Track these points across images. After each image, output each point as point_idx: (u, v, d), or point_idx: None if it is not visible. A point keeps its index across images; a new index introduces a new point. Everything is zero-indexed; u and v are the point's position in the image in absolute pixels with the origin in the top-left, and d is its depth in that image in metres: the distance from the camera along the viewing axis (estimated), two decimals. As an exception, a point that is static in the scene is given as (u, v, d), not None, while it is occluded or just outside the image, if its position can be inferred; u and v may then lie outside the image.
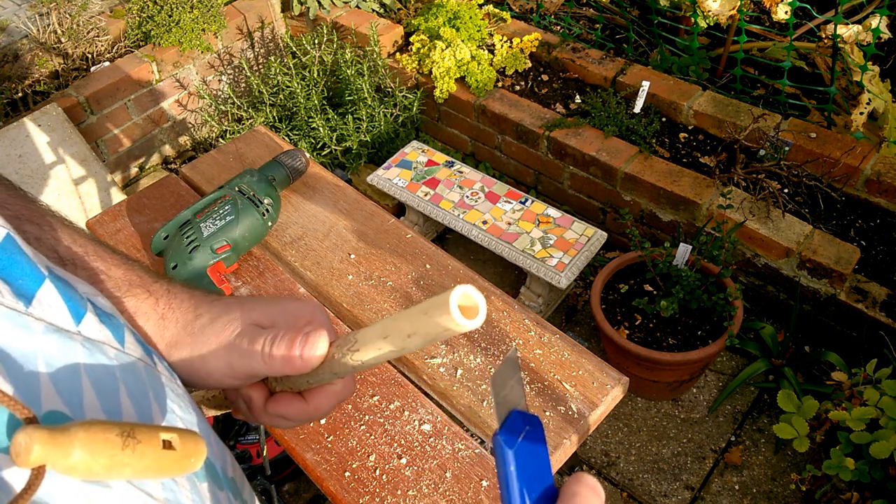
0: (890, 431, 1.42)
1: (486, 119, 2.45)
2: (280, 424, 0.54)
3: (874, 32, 1.88)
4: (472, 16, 2.52)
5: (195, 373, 0.51)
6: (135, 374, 0.40)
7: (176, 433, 0.34)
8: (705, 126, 2.26)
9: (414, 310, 0.39)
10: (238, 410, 0.56)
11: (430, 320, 0.38)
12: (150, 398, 0.40)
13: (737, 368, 2.03)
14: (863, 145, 2.03)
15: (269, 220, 1.04)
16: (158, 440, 0.33)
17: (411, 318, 0.40)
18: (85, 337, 0.38)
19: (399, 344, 0.42)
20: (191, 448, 0.35)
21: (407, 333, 0.40)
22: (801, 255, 1.89)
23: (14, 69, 2.54)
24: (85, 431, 0.30)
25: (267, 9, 2.91)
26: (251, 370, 0.49)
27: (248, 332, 0.50)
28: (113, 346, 0.40)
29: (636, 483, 1.82)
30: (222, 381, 0.51)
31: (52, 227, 0.52)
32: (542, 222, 2.07)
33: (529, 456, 0.35)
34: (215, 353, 0.50)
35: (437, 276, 1.02)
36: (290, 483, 1.86)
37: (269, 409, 0.52)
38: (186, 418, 0.43)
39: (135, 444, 0.32)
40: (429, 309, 0.38)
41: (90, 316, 0.40)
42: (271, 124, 2.54)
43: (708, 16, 2.17)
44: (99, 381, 0.36)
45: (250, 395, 0.53)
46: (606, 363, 0.91)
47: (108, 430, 0.31)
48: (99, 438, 0.30)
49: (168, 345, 0.51)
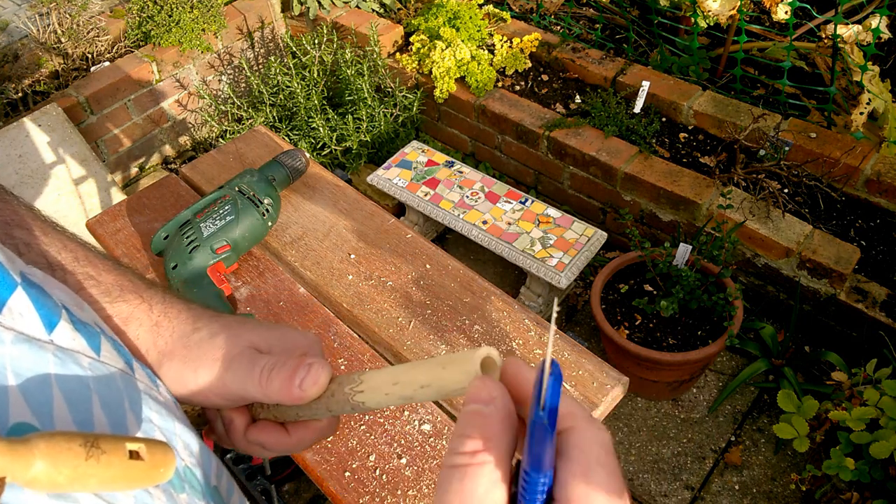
0: (890, 431, 1.42)
1: (486, 119, 2.45)
2: (255, 452, 0.52)
3: (874, 32, 1.88)
4: (472, 16, 2.52)
5: (184, 386, 0.49)
6: (110, 383, 0.39)
7: (143, 443, 0.33)
8: (705, 126, 2.26)
9: (431, 362, 0.39)
10: (212, 431, 0.54)
11: (449, 376, 0.37)
12: (126, 408, 0.39)
13: (737, 368, 2.03)
14: (863, 145, 2.03)
15: (269, 220, 1.04)
16: (124, 450, 0.32)
17: (428, 370, 0.39)
18: (57, 346, 0.37)
19: (408, 393, 0.41)
20: (159, 458, 0.33)
21: (420, 384, 0.39)
22: (801, 255, 1.89)
23: (14, 69, 2.54)
24: (46, 442, 0.29)
25: (267, 9, 2.91)
26: (244, 392, 0.48)
27: (247, 354, 0.49)
28: (87, 356, 0.39)
29: (636, 483, 1.82)
30: (209, 399, 0.49)
31: (43, 232, 0.51)
32: (542, 222, 2.07)
33: None
34: (210, 369, 0.48)
35: (437, 276, 1.02)
36: (290, 483, 1.86)
37: (249, 435, 0.51)
38: (166, 426, 0.42)
39: (99, 455, 0.31)
40: (448, 364, 0.37)
41: (64, 324, 0.39)
42: (271, 124, 2.54)
43: (708, 16, 2.17)
44: (71, 392, 0.35)
45: (232, 419, 0.51)
46: (606, 363, 0.91)
47: (70, 440, 0.30)
48: (61, 449, 0.29)
49: (161, 353, 0.50)
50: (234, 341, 0.49)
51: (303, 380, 0.46)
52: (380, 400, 0.43)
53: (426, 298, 0.99)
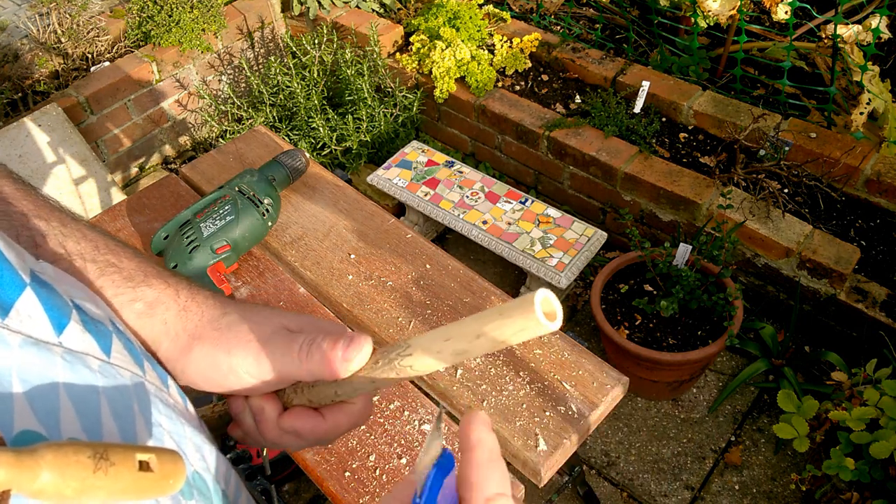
0: (890, 431, 1.42)
1: (486, 119, 2.45)
2: (288, 443, 0.50)
3: (874, 32, 1.88)
4: (472, 16, 2.52)
5: (216, 369, 0.47)
6: (119, 386, 0.38)
7: (153, 453, 0.32)
8: (705, 126, 2.26)
9: (485, 312, 0.38)
10: (240, 425, 0.52)
11: (506, 320, 0.37)
12: (135, 412, 0.38)
13: (737, 368, 2.03)
14: (863, 145, 2.03)
15: (269, 220, 1.04)
16: (134, 461, 0.31)
17: (482, 319, 0.38)
18: (66, 349, 0.36)
19: (462, 346, 0.39)
20: (169, 469, 0.33)
21: (476, 334, 0.38)
22: (801, 255, 1.89)
23: (14, 69, 2.54)
24: (53, 453, 0.28)
25: (267, 9, 2.91)
26: (282, 370, 0.46)
27: (282, 333, 0.47)
28: (97, 357, 0.38)
29: (636, 483, 1.82)
30: (242, 381, 0.48)
31: (62, 223, 0.50)
32: (542, 222, 2.07)
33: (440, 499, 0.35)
34: (244, 348, 0.47)
35: (437, 276, 1.02)
36: (291, 483, 1.86)
37: (282, 422, 0.48)
38: (176, 430, 0.41)
39: (108, 467, 0.30)
40: (505, 310, 0.37)
41: (73, 325, 0.38)
42: (271, 124, 2.54)
43: (708, 16, 2.17)
44: (78, 398, 0.35)
45: (262, 407, 0.49)
46: (606, 363, 0.91)
47: (79, 451, 0.29)
48: (69, 461, 0.29)
49: (191, 336, 0.49)
50: (266, 323, 0.48)
51: (346, 349, 0.44)
52: (429, 361, 0.41)
53: (426, 298, 0.99)
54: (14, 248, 0.39)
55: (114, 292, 0.49)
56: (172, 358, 0.49)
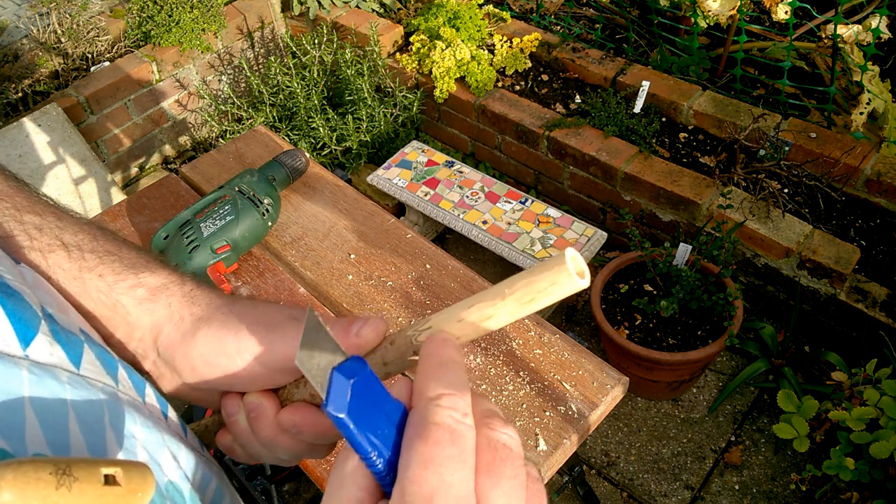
0: (890, 431, 1.42)
1: (486, 119, 2.45)
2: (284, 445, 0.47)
3: (874, 32, 1.88)
4: (472, 16, 2.52)
5: (222, 351, 0.46)
6: (89, 399, 0.37)
7: (120, 466, 0.31)
8: (705, 126, 2.26)
9: (513, 277, 0.37)
10: (231, 429, 0.49)
11: (535, 277, 0.35)
12: (106, 424, 0.37)
13: (737, 368, 2.03)
14: (863, 145, 2.03)
15: (268, 220, 1.04)
16: (99, 475, 0.30)
17: (509, 281, 0.36)
18: (33, 361, 0.35)
19: (487, 310, 0.37)
20: (137, 482, 0.31)
21: (501, 295, 0.36)
22: (801, 255, 1.89)
23: (14, 69, 2.54)
24: (13, 472, 0.27)
25: (267, 9, 2.91)
26: (293, 352, 0.43)
27: (292, 320, 0.46)
28: (66, 370, 0.37)
29: (636, 483, 1.82)
30: (248, 366, 0.46)
31: (57, 217, 0.50)
32: (542, 222, 2.07)
33: (364, 403, 0.33)
34: (254, 332, 0.45)
35: (437, 276, 1.02)
36: (290, 483, 1.86)
37: (282, 417, 0.46)
38: (151, 439, 0.40)
39: (71, 483, 0.28)
40: (534, 269, 0.35)
41: (41, 337, 0.37)
42: (271, 124, 2.54)
43: (708, 16, 2.17)
44: (45, 412, 0.34)
45: (260, 402, 0.46)
46: (606, 363, 0.91)
47: (40, 468, 0.28)
48: (29, 479, 0.27)
49: (197, 318, 0.47)
50: (276, 309, 0.47)
51: (360, 327, 0.43)
52: (451, 331, 0.39)
53: (426, 298, 0.99)
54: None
55: (114, 278, 0.48)
56: (174, 343, 0.48)
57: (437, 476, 0.30)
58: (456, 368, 0.35)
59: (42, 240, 0.47)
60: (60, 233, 0.48)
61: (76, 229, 0.49)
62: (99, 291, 0.48)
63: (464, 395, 0.33)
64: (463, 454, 0.31)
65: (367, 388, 0.34)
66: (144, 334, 0.49)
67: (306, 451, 0.49)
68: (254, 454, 0.49)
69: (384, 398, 0.34)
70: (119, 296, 0.48)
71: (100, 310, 0.48)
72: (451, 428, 0.31)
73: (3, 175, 0.51)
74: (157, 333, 0.48)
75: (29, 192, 0.51)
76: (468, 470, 0.31)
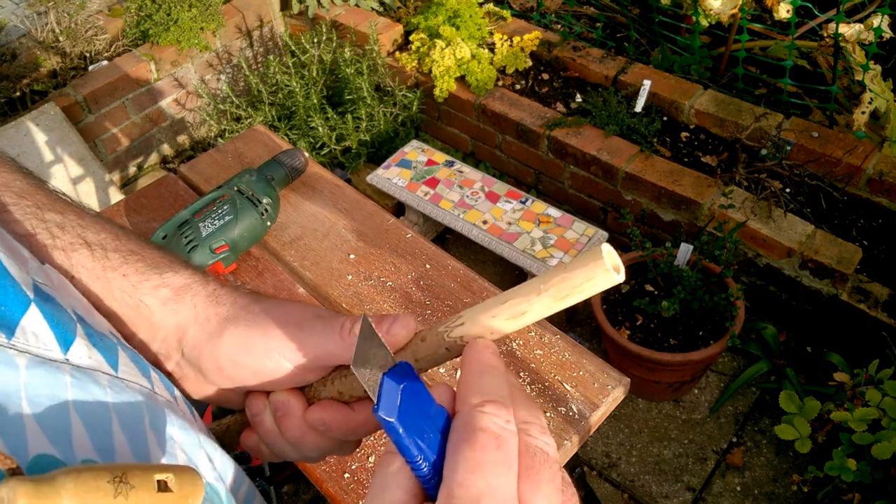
0: (892, 432, 1.41)
1: (486, 118, 2.44)
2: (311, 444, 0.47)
3: (876, 31, 1.87)
4: (473, 14, 2.52)
5: (250, 351, 0.45)
6: (129, 402, 0.37)
7: (171, 472, 0.31)
8: (707, 125, 2.26)
9: (546, 272, 0.36)
10: (257, 429, 0.48)
11: (571, 273, 0.35)
12: (146, 426, 0.37)
13: (738, 369, 2.02)
14: (865, 145, 2.02)
15: (268, 219, 1.03)
16: (153, 482, 0.30)
17: (544, 276, 0.36)
18: (74, 366, 0.35)
19: (521, 305, 0.37)
20: (188, 488, 0.32)
21: (536, 291, 0.36)
22: (802, 255, 1.88)
23: (12, 68, 2.53)
24: (73, 481, 0.27)
25: (265, 7, 2.90)
26: (321, 352, 0.44)
27: (320, 318, 0.45)
28: (105, 373, 0.37)
29: (637, 484, 1.81)
30: (277, 365, 0.45)
31: (78, 216, 0.49)
32: (543, 222, 2.06)
33: (412, 407, 0.34)
34: (282, 330, 0.45)
35: (437, 276, 1.01)
36: (290, 484, 1.85)
37: (309, 415, 0.45)
38: (188, 440, 0.40)
39: (128, 490, 0.29)
40: (570, 265, 0.35)
41: (79, 341, 0.37)
42: (270, 123, 2.53)
43: (709, 14, 2.16)
44: (89, 416, 0.34)
45: (287, 399, 0.46)
46: (607, 364, 0.90)
47: (98, 476, 0.28)
48: (89, 487, 0.28)
49: (223, 319, 0.47)
50: (302, 308, 0.47)
51: (391, 324, 0.43)
52: (483, 327, 0.39)
53: (426, 298, 0.98)
54: (16, 258, 0.37)
55: (138, 278, 0.47)
56: (199, 344, 0.47)
57: (483, 480, 0.31)
58: (497, 375, 0.36)
59: (65, 238, 0.47)
60: (83, 231, 0.48)
61: (98, 228, 0.49)
62: (122, 291, 0.47)
63: (506, 402, 0.35)
64: (508, 459, 0.32)
65: (415, 393, 0.35)
66: (168, 335, 0.48)
67: (334, 449, 0.49)
68: (280, 453, 0.49)
69: (429, 403, 0.36)
70: (143, 296, 0.47)
71: (122, 310, 0.48)
72: (496, 434, 0.33)
73: (21, 173, 0.50)
74: (181, 334, 0.48)
75: (48, 190, 0.50)
76: (512, 474, 0.32)
